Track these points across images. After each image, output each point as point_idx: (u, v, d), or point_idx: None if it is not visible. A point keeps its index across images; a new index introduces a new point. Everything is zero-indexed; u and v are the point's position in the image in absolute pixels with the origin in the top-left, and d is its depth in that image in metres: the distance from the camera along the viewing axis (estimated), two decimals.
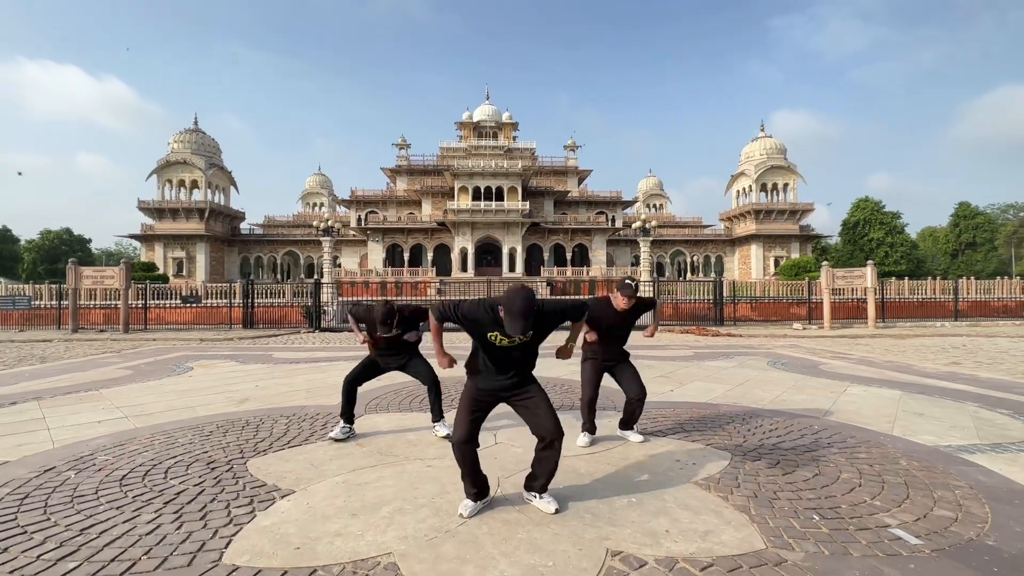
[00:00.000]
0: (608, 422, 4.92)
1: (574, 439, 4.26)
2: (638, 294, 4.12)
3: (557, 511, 2.95)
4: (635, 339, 14.19)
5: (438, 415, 4.52)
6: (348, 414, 4.47)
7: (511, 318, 2.65)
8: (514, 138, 56.05)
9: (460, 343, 10.94)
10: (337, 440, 4.31)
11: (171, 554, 2.50)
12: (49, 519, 2.88)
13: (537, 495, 3.06)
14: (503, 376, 3.00)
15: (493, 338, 2.90)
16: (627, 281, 4.04)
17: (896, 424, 4.85)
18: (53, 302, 17.91)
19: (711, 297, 18.78)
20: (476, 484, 2.97)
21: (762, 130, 52.26)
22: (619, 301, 4.04)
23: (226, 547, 2.56)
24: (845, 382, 7.07)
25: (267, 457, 3.92)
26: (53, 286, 18.10)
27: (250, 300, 17.90)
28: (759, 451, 4.04)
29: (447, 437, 4.33)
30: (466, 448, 2.91)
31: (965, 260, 61.01)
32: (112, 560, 2.45)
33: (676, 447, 4.14)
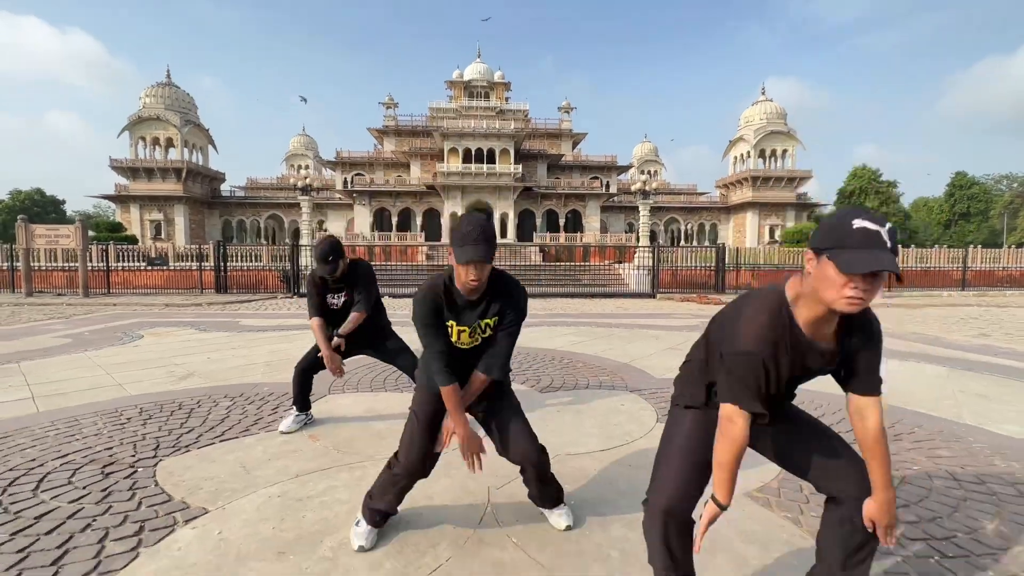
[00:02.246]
0: (618, 401, 4.08)
1: (577, 438, 3.42)
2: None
3: (569, 528, 2.26)
4: (629, 306, 13.44)
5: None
6: (303, 401, 3.62)
7: (467, 243, 1.87)
8: (506, 99, 54.21)
9: None
10: (286, 433, 3.44)
11: None
12: None
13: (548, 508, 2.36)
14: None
15: (451, 330, 2.06)
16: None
17: (964, 409, 4.07)
18: (5, 264, 16.72)
19: (712, 264, 17.99)
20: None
21: (763, 93, 50.83)
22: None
23: None
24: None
25: (187, 456, 3.05)
26: (4, 246, 16.87)
27: (223, 263, 16.84)
28: None
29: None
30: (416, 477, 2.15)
31: (958, 231, 60.69)
32: None
33: None
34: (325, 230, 47.48)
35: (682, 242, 53.17)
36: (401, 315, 10.22)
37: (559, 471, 2.66)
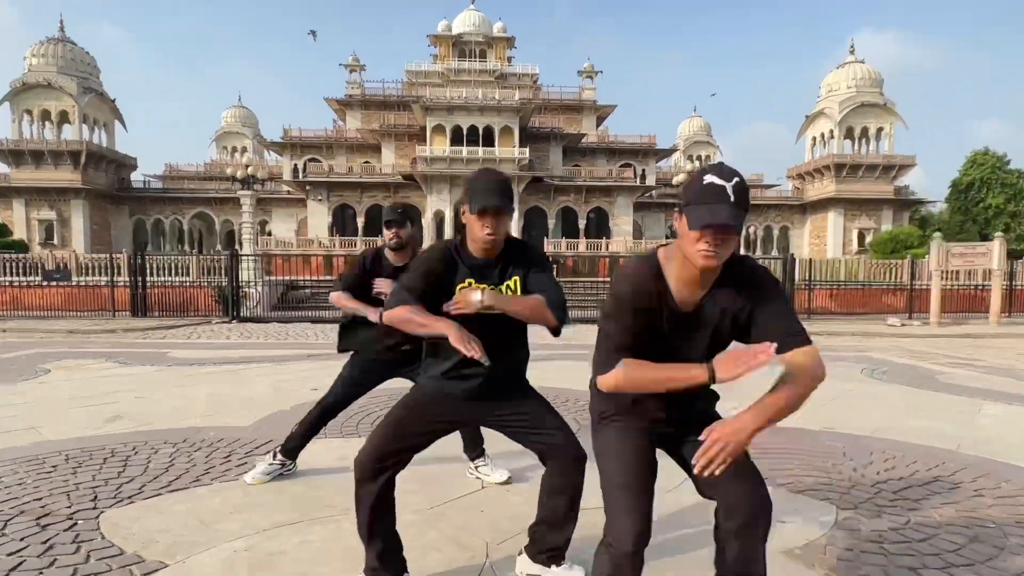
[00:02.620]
0: None
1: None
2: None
3: None
4: None
5: (476, 447, 4.11)
6: (298, 447, 4.02)
7: (484, 191, 2.32)
8: (509, 59, 55.32)
9: None
10: (251, 485, 3.86)
11: None
12: None
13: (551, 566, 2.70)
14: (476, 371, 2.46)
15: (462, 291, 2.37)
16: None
17: None
18: None
19: (780, 281, 18.41)
20: (386, 558, 2.55)
21: (851, 53, 51.63)
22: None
23: None
24: (976, 398, 6.80)
25: (131, 508, 3.47)
26: None
27: (142, 278, 17.37)
28: (875, 500, 3.65)
29: (507, 481, 3.97)
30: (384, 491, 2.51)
31: None
32: None
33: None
34: (269, 233, 48.18)
35: (743, 250, 53.61)
36: None
37: None
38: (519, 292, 2.43)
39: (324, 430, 5.12)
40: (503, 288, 2.43)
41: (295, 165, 49.94)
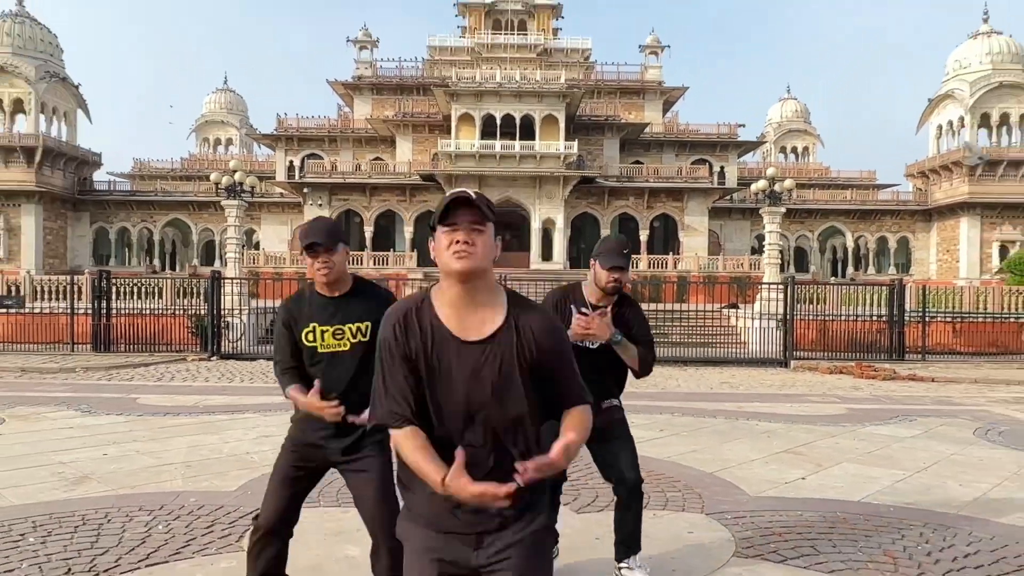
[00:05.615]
0: (685, 527, 4.91)
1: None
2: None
3: None
4: (743, 379, 14.13)
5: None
6: None
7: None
8: (556, 31, 56.12)
9: None
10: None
11: None
12: None
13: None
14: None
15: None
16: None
17: None
18: None
19: (884, 312, 18.56)
20: None
21: (985, 21, 51.32)
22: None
23: None
24: None
25: None
26: None
27: (107, 304, 18.20)
28: None
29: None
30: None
31: None
32: None
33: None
34: (257, 246, 49.31)
35: (849, 268, 53.38)
36: None
37: None
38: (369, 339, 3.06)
39: (316, 497, 5.69)
40: (347, 330, 3.15)
41: (291, 162, 51.17)
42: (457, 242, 1.93)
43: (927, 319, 18.78)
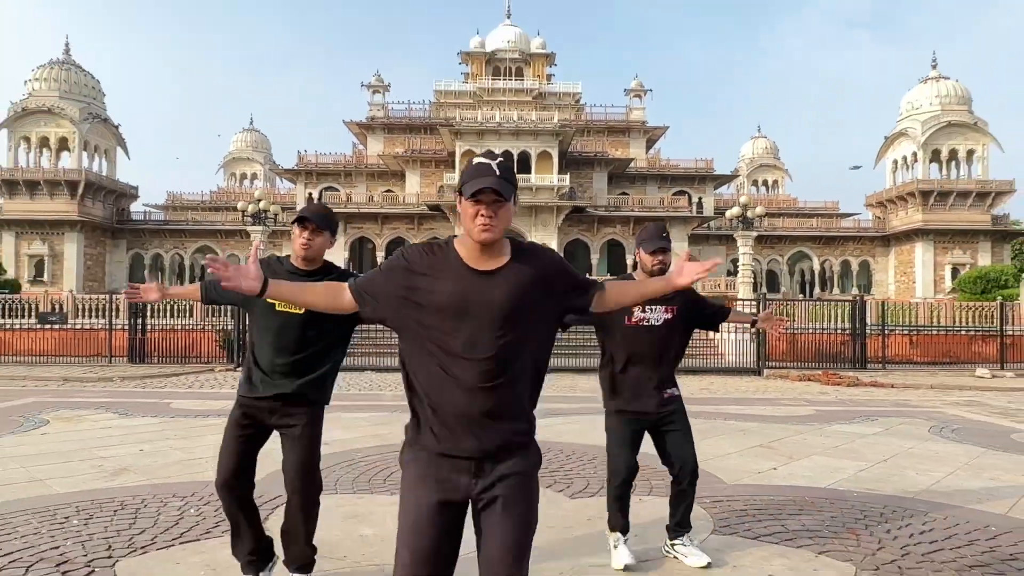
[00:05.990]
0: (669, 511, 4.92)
1: (593, 555, 4.27)
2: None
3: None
4: (721, 386, 14.18)
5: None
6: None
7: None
8: (549, 77, 56.54)
9: None
10: None
11: None
12: None
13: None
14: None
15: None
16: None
17: None
18: None
19: (848, 325, 18.61)
20: None
21: (933, 67, 51.82)
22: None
23: None
24: None
25: (146, 557, 4.01)
26: None
27: (142, 321, 18.25)
28: (900, 564, 4.01)
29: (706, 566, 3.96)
30: None
31: None
32: None
33: (770, 557, 4.14)
34: None
35: (816, 289, 53.48)
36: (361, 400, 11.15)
37: None
38: None
39: (334, 485, 5.69)
40: None
41: (310, 194, 51.36)
42: (482, 215, 2.00)
43: (887, 332, 18.86)
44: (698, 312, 4.06)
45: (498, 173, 2.02)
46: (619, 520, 3.98)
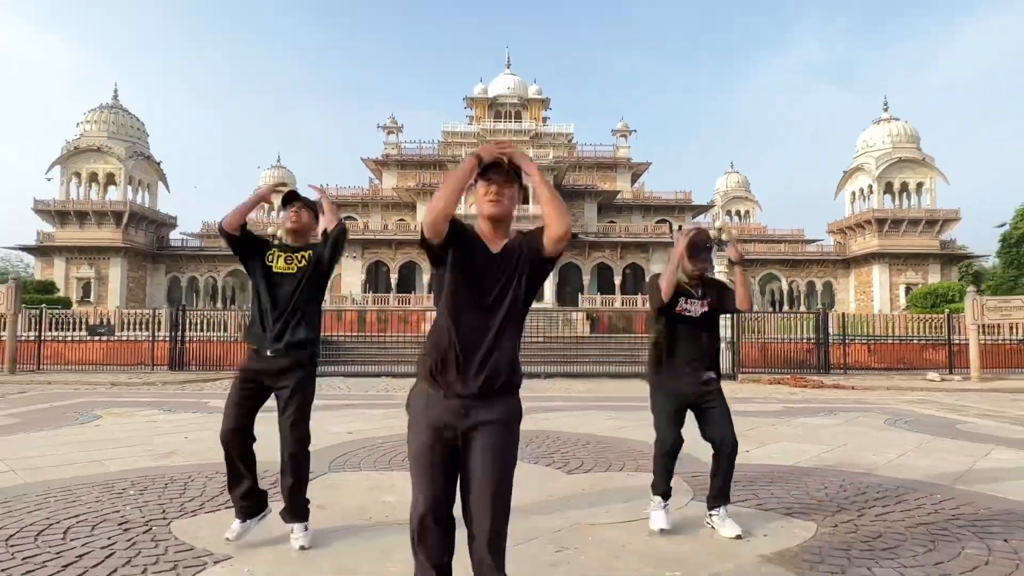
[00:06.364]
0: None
1: (586, 516, 4.38)
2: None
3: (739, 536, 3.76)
4: (643, 389, 14.23)
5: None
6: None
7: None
8: (544, 119, 57.01)
9: None
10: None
11: None
12: None
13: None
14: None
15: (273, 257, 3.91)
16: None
17: None
18: None
19: (813, 336, 18.74)
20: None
21: (885, 110, 52.35)
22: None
23: None
24: (990, 444, 7.14)
25: (197, 519, 4.14)
26: None
27: (181, 333, 18.37)
28: (856, 522, 4.14)
29: (737, 537, 3.84)
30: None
31: None
32: None
33: (746, 517, 4.25)
34: None
35: (785, 306, 53.59)
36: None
37: (575, 544, 3.66)
38: (309, 265, 3.76)
39: (358, 465, 5.80)
40: (294, 257, 3.80)
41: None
42: (491, 192, 2.30)
43: (847, 341, 18.99)
44: (728, 300, 4.12)
45: (507, 166, 2.31)
46: (662, 484, 4.04)
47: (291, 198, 3.84)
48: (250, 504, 3.80)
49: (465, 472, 2.33)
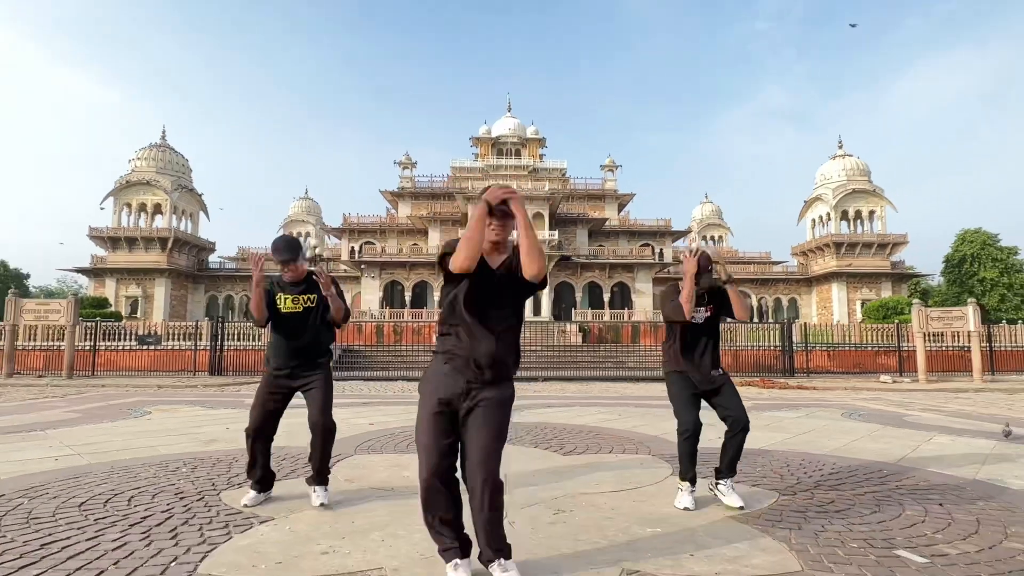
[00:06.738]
0: (638, 460, 5.13)
1: (579, 487, 4.48)
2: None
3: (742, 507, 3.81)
4: (660, 390, 14.36)
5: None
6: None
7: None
8: (541, 156, 57.36)
9: None
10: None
11: (140, 565, 2.82)
12: (5, 536, 3.23)
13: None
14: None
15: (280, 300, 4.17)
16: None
17: (982, 470, 5.01)
18: None
19: (779, 343, 18.85)
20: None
21: (840, 147, 52.87)
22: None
23: (201, 560, 2.88)
24: (931, 432, 7.24)
25: (243, 489, 4.24)
26: None
27: (219, 342, 18.47)
28: (813, 491, 4.26)
29: (740, 508, 3.88)
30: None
31: None
32: (78, 569, 2.77)
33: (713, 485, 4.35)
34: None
35: (755, 319, 53.67)
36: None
37: (571, 508, 3.77)
38: (314, 304, 4.11)
39: (380, 449, 5.90)
40: (301, 299, 4.10)
41: (352, 247, 51.78)
42: (495, 226, 2.72)
43: (809, 348, 19.10)
44: (727, 305, 4.21)
45: (505, 209, 2.66)
46: (688, 471, 4.04)
47: (286, 261, 4.12)
48: (262, 484, 4.07)
49: (465, 436, 2.65)
